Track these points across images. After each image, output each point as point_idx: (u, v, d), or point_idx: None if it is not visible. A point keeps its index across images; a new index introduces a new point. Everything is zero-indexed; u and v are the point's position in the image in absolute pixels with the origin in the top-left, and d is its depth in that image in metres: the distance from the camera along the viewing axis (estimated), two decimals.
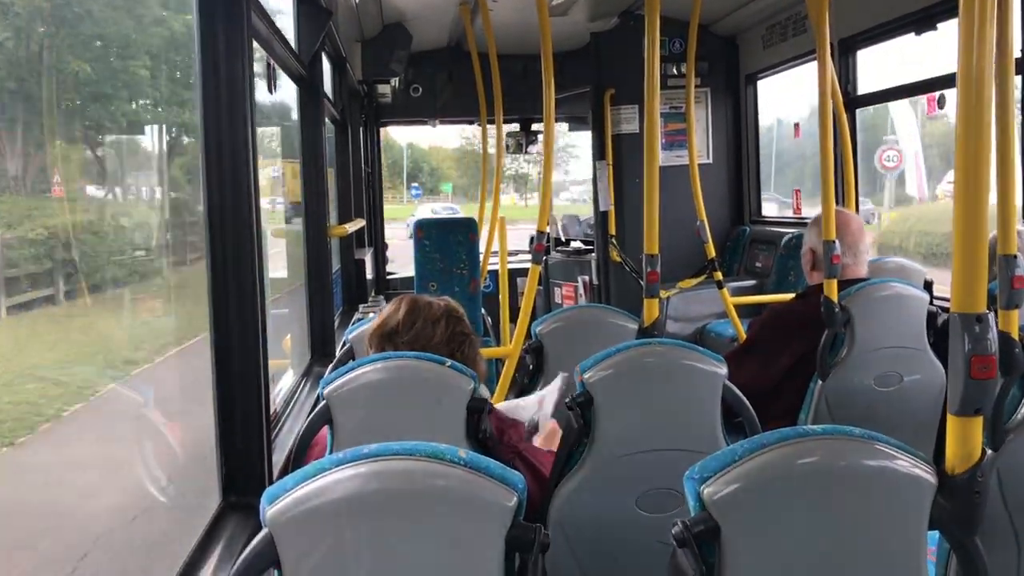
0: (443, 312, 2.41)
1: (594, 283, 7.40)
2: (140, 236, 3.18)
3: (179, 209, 3.39)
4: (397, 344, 2.36)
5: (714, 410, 2.19)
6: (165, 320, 3.40)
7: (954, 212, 1.46)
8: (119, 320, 2.98)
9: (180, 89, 3.19)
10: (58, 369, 2.53)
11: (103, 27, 2.73)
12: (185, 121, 3.22)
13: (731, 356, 3.47)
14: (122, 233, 3.00)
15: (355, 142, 6.31)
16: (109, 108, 2.77)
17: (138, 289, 3.04)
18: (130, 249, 3.03)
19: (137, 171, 3.23)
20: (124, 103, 2.88)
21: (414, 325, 2.38)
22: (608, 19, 6.62)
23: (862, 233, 3.38)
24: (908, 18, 4.74)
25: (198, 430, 2.66)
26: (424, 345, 2.35)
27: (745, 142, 7.02)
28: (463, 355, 2.37)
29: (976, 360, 1.45)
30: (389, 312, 2.44)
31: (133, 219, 3.20)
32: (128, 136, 3.03)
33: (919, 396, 3.16)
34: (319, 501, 1.35)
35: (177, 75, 3.17)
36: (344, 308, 5.65)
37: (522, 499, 1.38)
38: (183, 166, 3.37)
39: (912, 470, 1.41)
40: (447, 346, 2.37)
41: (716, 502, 1.37)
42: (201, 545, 2.06)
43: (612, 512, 2.17)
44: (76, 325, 2.61)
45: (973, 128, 1.43)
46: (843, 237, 3.32)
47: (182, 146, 3.36)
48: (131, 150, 3.14)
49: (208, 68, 2.20)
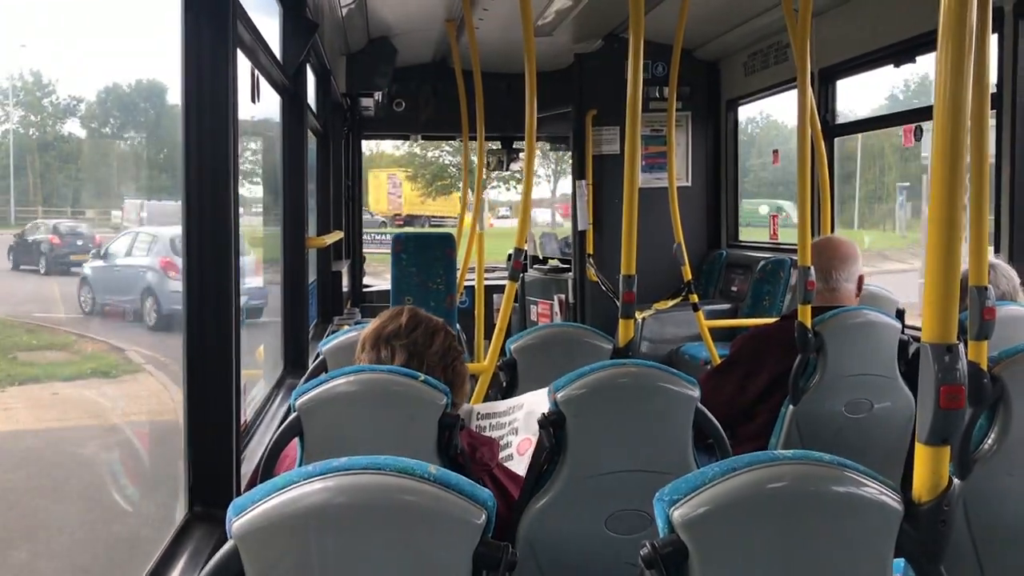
0: (441, 327, 2.43)
1: (570, 302, 7.42)
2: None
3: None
4: (394, 347, 2.35)
5: (686, 432, 2.19)
6: None
7: (927, 242, 1.47)
8: None
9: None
10: None
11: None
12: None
13: (711, 374, 3.49)
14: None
15: (336, 154, 6.30)
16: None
17: None
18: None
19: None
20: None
21: (414, 331, 2.38)
22: (592, 41, 6.67)
23: (845, 261, 3.39)
24: (888, 50, 4.82)
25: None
26: (421, 352, 2.34)
27: (724, 167, 7.08)
28: (455, 371, 2.38)
29: (945, 390, 1.46)
30: (388, 317, 2.44)
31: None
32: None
33: (888, 424, 3.18)
34: (286, 513, 1.34)
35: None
36: (318, 320, 5.63)
37: (491, 516, 1.38)
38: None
39: (879, 497, 1.41)
40: (443, 358, 2.37)
41: (685, 524, 1.37)
42: (166, 555, 2.03)
43: (581, 532, 2.16)
44: None
45: (949, 160, 1.45)
46: (817, 264, 3.35)
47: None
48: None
49: (192, 76, 2.19)
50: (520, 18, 3.75)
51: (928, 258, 1.47)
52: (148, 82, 3.44)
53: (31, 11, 2.32)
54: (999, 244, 3.92)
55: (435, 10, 5.76)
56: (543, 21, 5.73)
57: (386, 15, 5.85)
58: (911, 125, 4.76)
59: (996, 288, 3.18)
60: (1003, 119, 3.91)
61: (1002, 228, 3.95)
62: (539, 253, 8.60)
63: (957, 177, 1.46)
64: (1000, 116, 3.91)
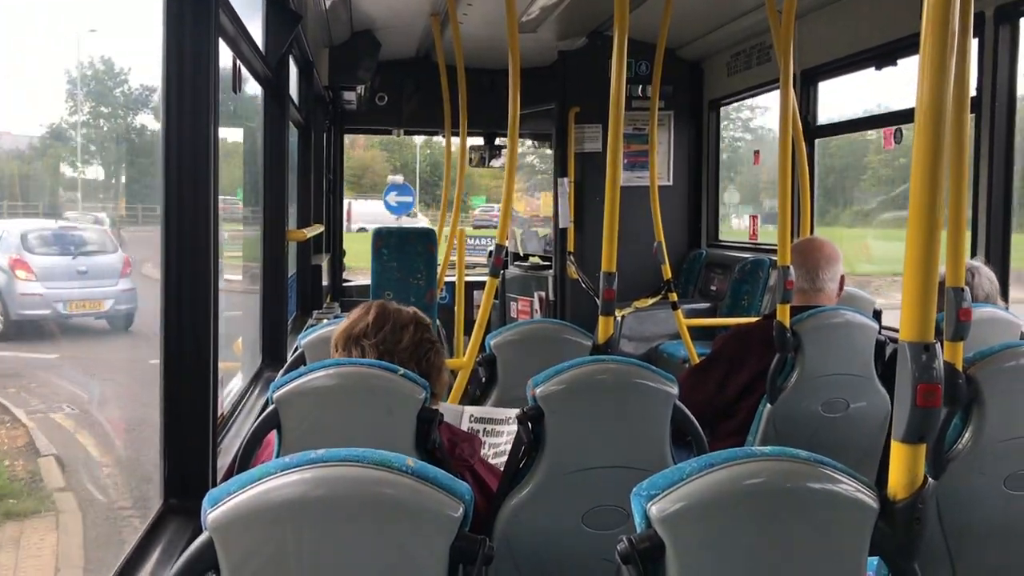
0: (411, 319, 2.40)
1: (550, 299, 7.42)
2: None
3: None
4: (364, 347, 2.34)
5: (664, 429, 2.20)
6: None
7: (907, 242, 1.48)
8: None
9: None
10: None
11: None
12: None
13: (692, 371, 3.51)
14: None
15: (318, 147, 6.27)
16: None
17: None
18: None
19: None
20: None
21: (382, 329, 2.35)
22: (576, 38, 6.67)
23: (830, 261, 3.42)
24: (870, 52, 4.85)
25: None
26: (391, 349, 2.32)
27: (706, 166, 7.11)
28: (428, 363, 2.36)
29: (922, 388, 1.47)
30: (357, 315, 2.42)
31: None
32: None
33: (864, 423, 3.21)
34: (262, 505, 1.33)
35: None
36: (297, 313, 5.60)
37: (468, 510, 1.38)
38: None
39: (855, 494, 1.42)
40: (414, 352, 2.35)
41: (662, 519, 1.38)
42: (140, 547, 2.02)
43: (558, 527, 2.17)
44: None
45: (930, 161, 1.46)
46: (802, 264, 3.37)
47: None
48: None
49: (172, 65, 2.18)
50: (504, 14, 3.75)
51: (907, 258, 1.48)
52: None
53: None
54: (976, 247, 3.96)
55: (419, 4, 5.75)
56: (527, 17, 5.73)
57: (370, 8, 5.83)
58: (891, 128, 4.79)
59: (980, 290, 3.22)
60: (982, 123, 3.95)
61: (979, 231, 3.98)
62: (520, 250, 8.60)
63: (937, 179, 1.47)
64: (979, 120, 3.95)
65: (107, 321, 4.48)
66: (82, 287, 4.39)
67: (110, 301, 4.50)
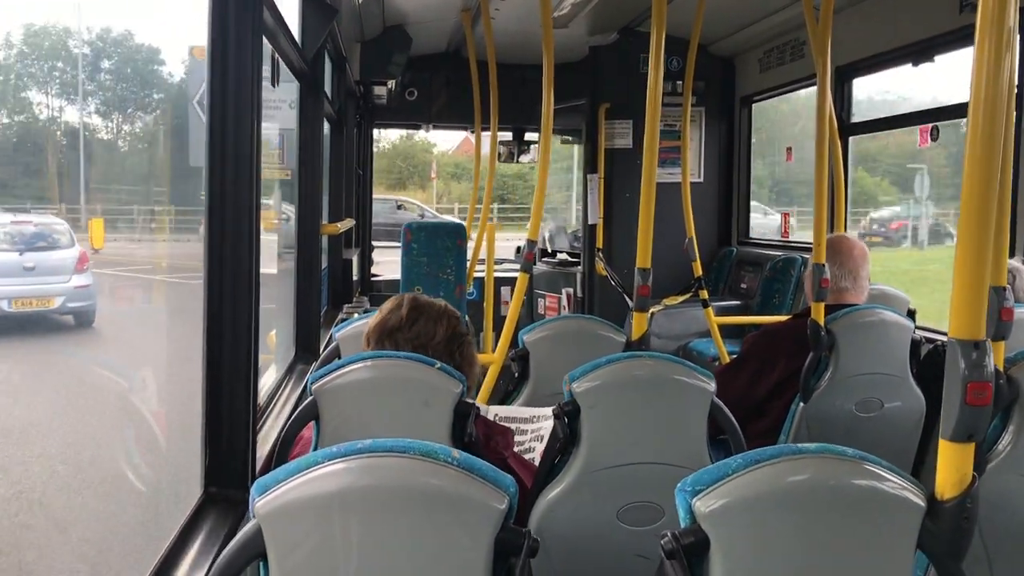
0: (443, 312, 2.41)
1: (578, 295, 7.42)
2: None
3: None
4: (398, 341, 2.35)
5: (701, 426, 2.20)
6: None
7: (958, 239, 1.47)
8: None
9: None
10: None
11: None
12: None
13: (723, 370, 3.50)
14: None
15: (349, 142, 6.30)
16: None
17: None
18: None
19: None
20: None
21: (416, 322, 2.37)
22: (608, 34, 6.65)
23: (865, 259, 3.41)
24: (906, 49, 4.80)
25: None
26: (425, 343, 2.34)
27: (737, 163, 7.06)
28: (462, 355, 2.37)
29: (972, 386, 1.46)
30: (390, 309, 2.43)
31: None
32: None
33: (899, 423, 3.18)
34: (310, 494, 1.35)
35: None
36: (329, 307, 5.64)
37: (513, 503, 1.38)
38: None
39: (902, 492, 1.42)
40: (447, 345, 2.36)
41: (707, 515, 1.38)
42: (181, 536, 2.04)
43: (593, 523, 2.17)
44: None
45: (984, 158, 1.45)
46: (844, 263, 3.35)
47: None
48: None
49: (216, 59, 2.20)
50: (537, 9, 3.75)
51: (958, 255, 1.47)
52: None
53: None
54: (1014, 248, 3.91)
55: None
56: (559, 13, 5.71)
57: (402, 3, 5.84)
58: (927, 125, 4.74)
59: (1020, 292, 3.19)
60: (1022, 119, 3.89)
61: (1018, 231, 3.93)
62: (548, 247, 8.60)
63: (990, 176, 1.45)
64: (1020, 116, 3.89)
65: (59, 318, 4.41)
66: (30, 284, 4.34)
67: (60, 298, 4.45)
